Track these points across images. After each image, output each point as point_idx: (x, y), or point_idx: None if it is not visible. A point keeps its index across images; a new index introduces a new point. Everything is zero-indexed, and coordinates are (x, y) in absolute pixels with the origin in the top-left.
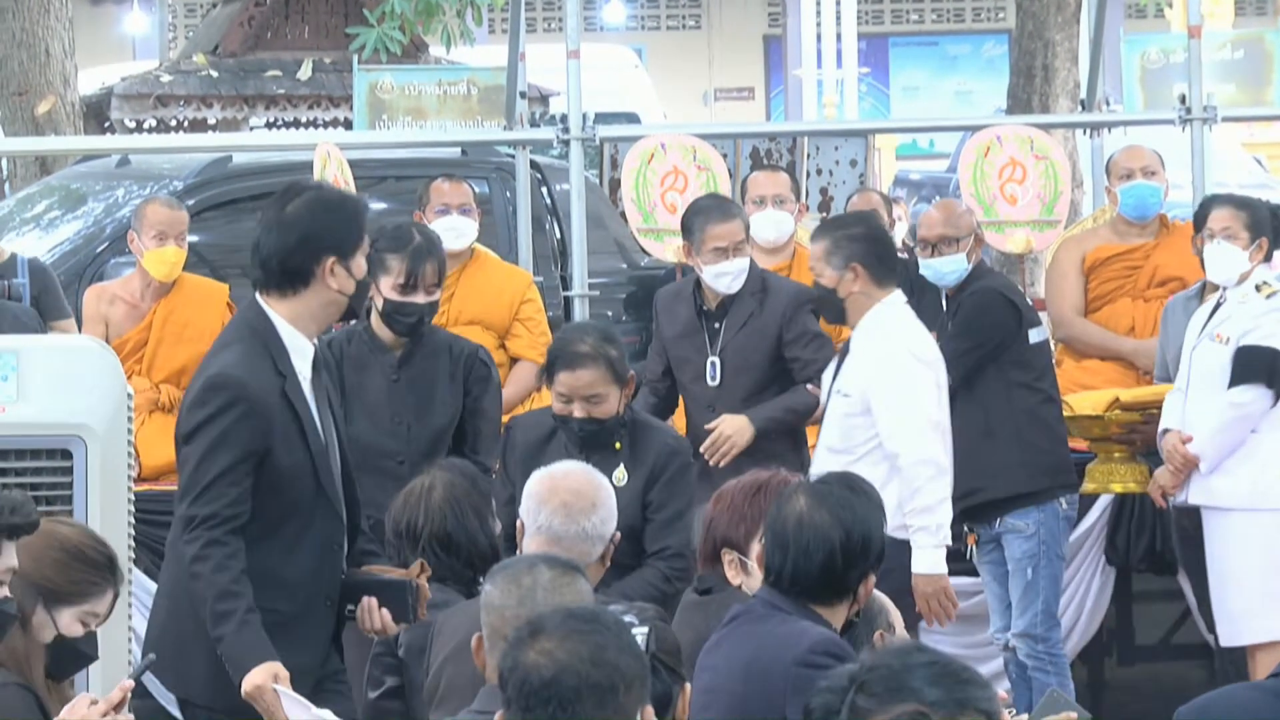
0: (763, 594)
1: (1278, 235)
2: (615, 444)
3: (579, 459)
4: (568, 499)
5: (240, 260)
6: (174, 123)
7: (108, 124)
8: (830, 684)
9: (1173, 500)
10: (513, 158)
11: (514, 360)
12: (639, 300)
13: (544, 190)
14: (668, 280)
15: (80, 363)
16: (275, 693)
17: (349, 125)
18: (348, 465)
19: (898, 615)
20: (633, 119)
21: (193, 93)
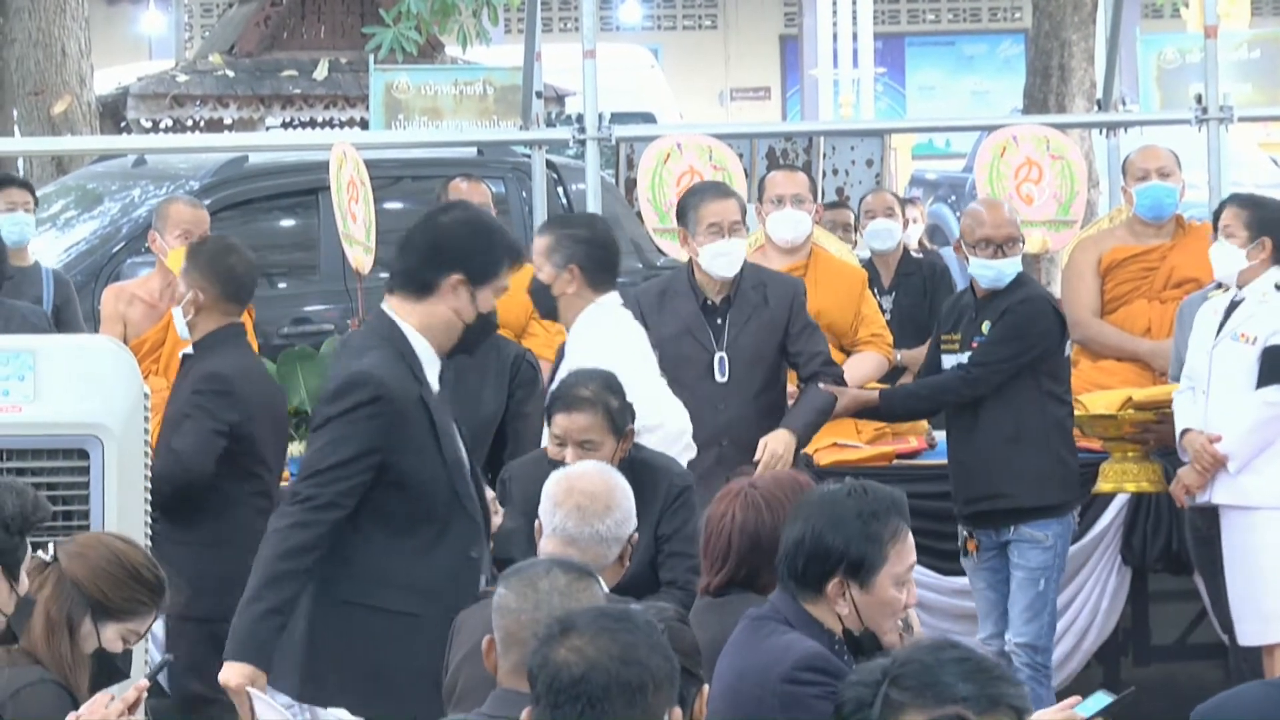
0: (774, 597)
1: None
2: None
3: None
4: (582, 501)
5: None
6: (190, 123)
7: (124, 124)
8: (861, 677)
9: (1190, 500)
10: (529, 157)
11: None
12: None
13: (560, 190)
14: None
15: (97, 362)
16: (247, 693)
17: (365, 125)
18: (479, 478)
19: (914, 614)
20: (649, 119)
21: (209, 93)
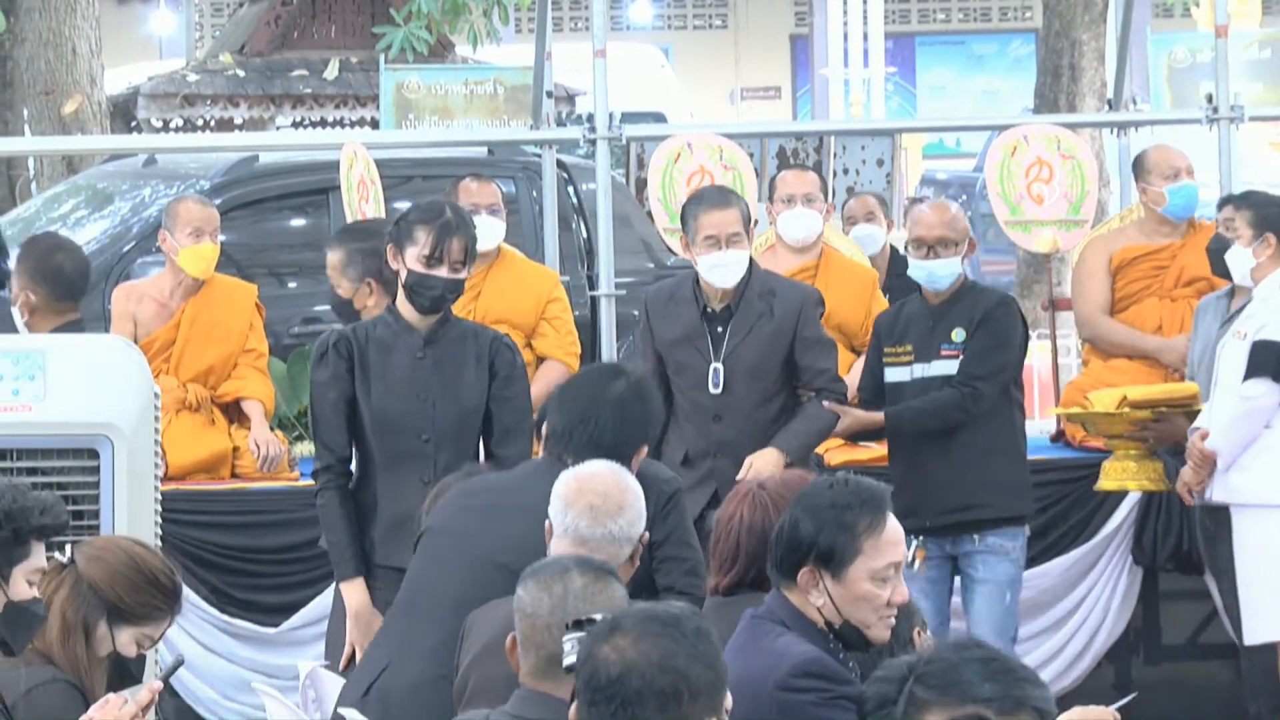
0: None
1: None
2: None
3: None
4: (594, 501)
5: (267, 259)
6: (200, 122)
7: (134, 123)
8: (887, 674)
9: (1198, 498)
10: (539, 157)
11: (540, 360)
12: None
13: (570, 190)
14: None
15: (107, 362)
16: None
17: (375, 125)
18: None
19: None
20: (659, 118)
21: (219, 92)
